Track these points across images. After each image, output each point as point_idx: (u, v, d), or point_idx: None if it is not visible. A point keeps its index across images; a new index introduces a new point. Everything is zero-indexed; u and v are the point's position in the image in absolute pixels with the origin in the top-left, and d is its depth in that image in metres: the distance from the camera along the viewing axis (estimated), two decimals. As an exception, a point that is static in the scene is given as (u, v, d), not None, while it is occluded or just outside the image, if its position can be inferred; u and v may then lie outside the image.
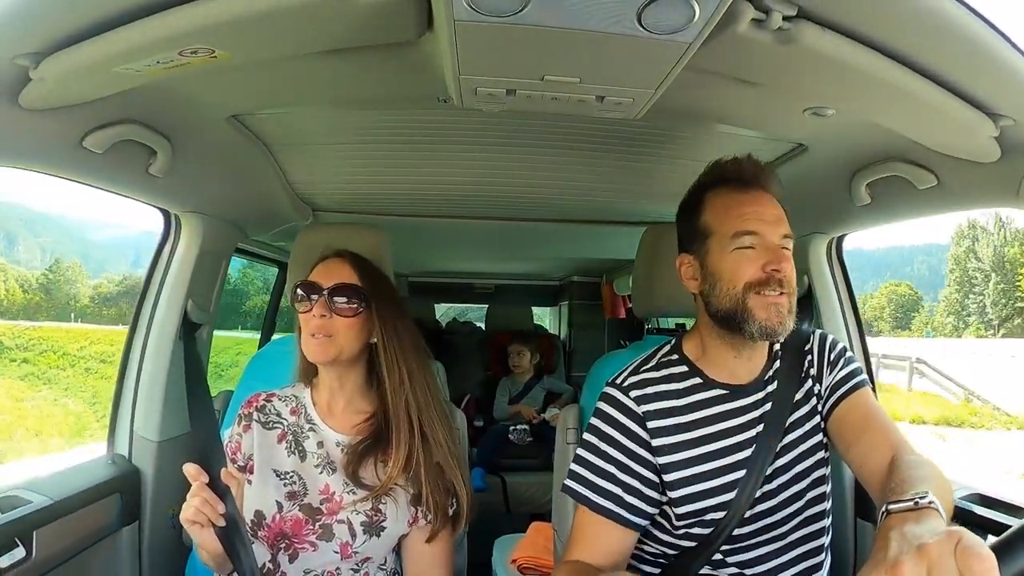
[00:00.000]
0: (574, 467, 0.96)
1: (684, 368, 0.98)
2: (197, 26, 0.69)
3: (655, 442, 0.93)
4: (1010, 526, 0.76)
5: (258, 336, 2.78)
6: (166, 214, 1.42)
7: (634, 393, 0.96)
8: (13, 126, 0.84)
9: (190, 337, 1.41)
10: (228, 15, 0.68)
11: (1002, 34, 0.68)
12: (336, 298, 1.00)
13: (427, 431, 1.02)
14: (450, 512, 1.03)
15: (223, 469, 0.89)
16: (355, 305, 1.01)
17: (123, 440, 1.39)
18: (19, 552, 1.03)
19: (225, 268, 1.60)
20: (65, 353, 17.70)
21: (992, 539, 0.56)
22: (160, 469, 1.39)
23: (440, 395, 1.09)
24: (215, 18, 0.68)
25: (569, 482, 0.96)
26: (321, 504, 0.99)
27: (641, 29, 0.67)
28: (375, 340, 1.04)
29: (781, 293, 0.88)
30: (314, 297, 1.00)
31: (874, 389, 1.08)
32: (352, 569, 0.99)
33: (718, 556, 0.92)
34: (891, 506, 0.58)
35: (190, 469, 0.86)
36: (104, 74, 0.77)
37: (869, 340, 1.58)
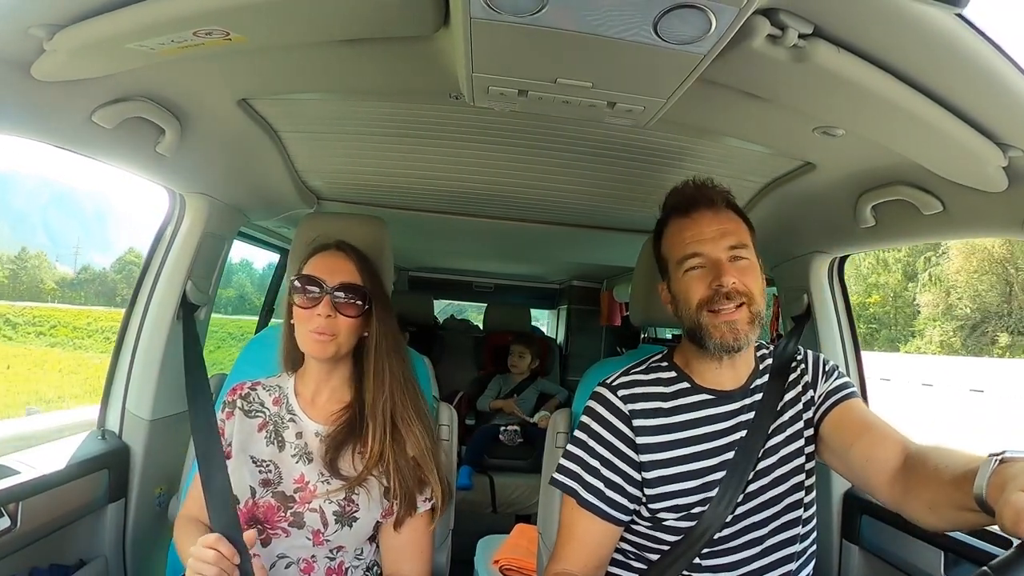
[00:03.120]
0: (563, 461, 0.99)
1: (673, 373, 1.01)
2: (214, 7, 0.69)
3: (639, 440, 0.96)
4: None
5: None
6: (171, 194, 1.42)
7: (622, 392, 0.99)
8: (24, 97, 0.84)
9: (188, 318, 1.41)
10: None
11: (1017, 65, 0.68)
12: (341, 298, 1.00)
13: (401, 427, 1.03)
14: (421, 503, 1.03)
15: (246, 532, 0.90)
16: (359, 305, 1.02)
17: (114, 417, 1.39)
18: (4, 522, 1.03)
19: (226, 251, 1.60)
20: (76, 327, 17.80)
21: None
22: (150, 448, 1.39)
23: (418, 389, 1.10)
24: (232, 1, 0.68)
25: (557, 475, 0.99)
26: (295, 492, 0.99)
27: (657, 38, 0.67)
28: (366, 334, 1.05)
29: (738, 305, 0.90)
30: (317, 293, 1.00)
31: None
32: (327, 557, 1.00)
33: (696, 560, 0.94)
34: (1008, 455, 0.65)
35: (224, 549, 0.85)
36: (117, 50, 0.77)
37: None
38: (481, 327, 3.83)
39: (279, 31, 0.79)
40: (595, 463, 0.96)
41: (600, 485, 0.94)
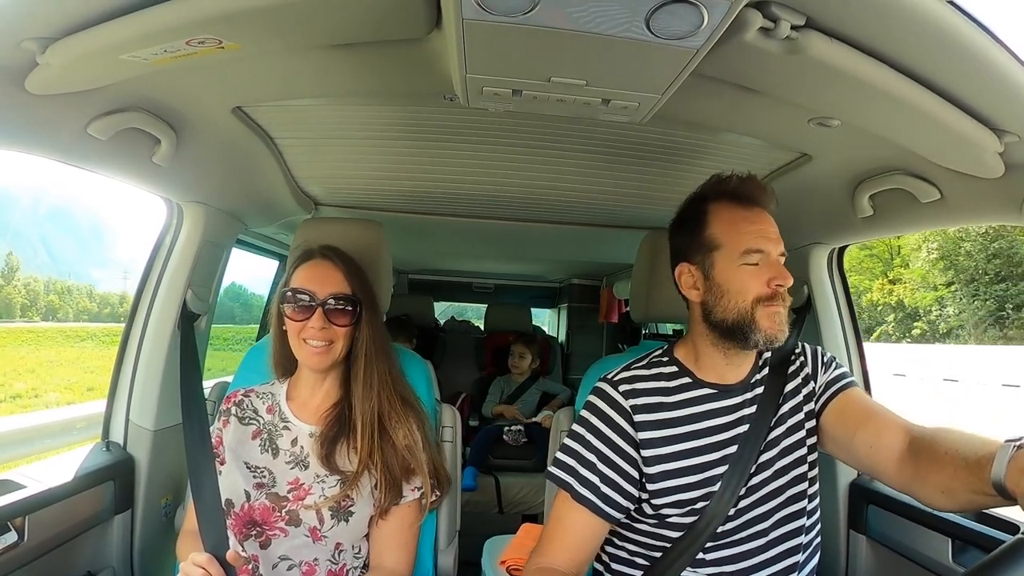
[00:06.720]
0: (559, 455, 0.99)
1: (674, 368, 1.01)
2: (206, 16, 0.69)
3: (641, 435, 0.95)
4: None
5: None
6: (169, 203, 1.42)
7: (623, 387, 0.99)
8: (18, 111, 0.84)
9: (188, 327, 1.41)
10: (237, 6, 0.68)
11: (1010, 51, 0.68)
12: (333, 309, 1.01)
13: (389, 426, 1.04)
14: (408, 491, 1.04)
15: (228, 552, 0.90)
16: (350, 313, 1.03)
17: (118, 428, 1.40)
18: (11, 537, 1.03)
19: (225, 259, 1.60)
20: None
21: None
22: (155, 458, 1.39)
23: (406, 382, 1.11)
24: (224, 8, 0.68)
25: (552, 468, 0.99)
26: (288, 493, 1.00)
27: (649, 34, 0.67)
28: (356, 337, 1.06)
29: (782, 304, 0.93)
30: (309, 305, 1.01)
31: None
32: (329, 560, 1.00)
33: (699, 555, 0.94)
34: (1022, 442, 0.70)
35: (214, 571, 0.87)
36: (111, 61, 0.77)
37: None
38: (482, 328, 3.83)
39: (272, 38, 0.79)
40: (591, 457, 0.96)
41: (595, 480, 0.94)
